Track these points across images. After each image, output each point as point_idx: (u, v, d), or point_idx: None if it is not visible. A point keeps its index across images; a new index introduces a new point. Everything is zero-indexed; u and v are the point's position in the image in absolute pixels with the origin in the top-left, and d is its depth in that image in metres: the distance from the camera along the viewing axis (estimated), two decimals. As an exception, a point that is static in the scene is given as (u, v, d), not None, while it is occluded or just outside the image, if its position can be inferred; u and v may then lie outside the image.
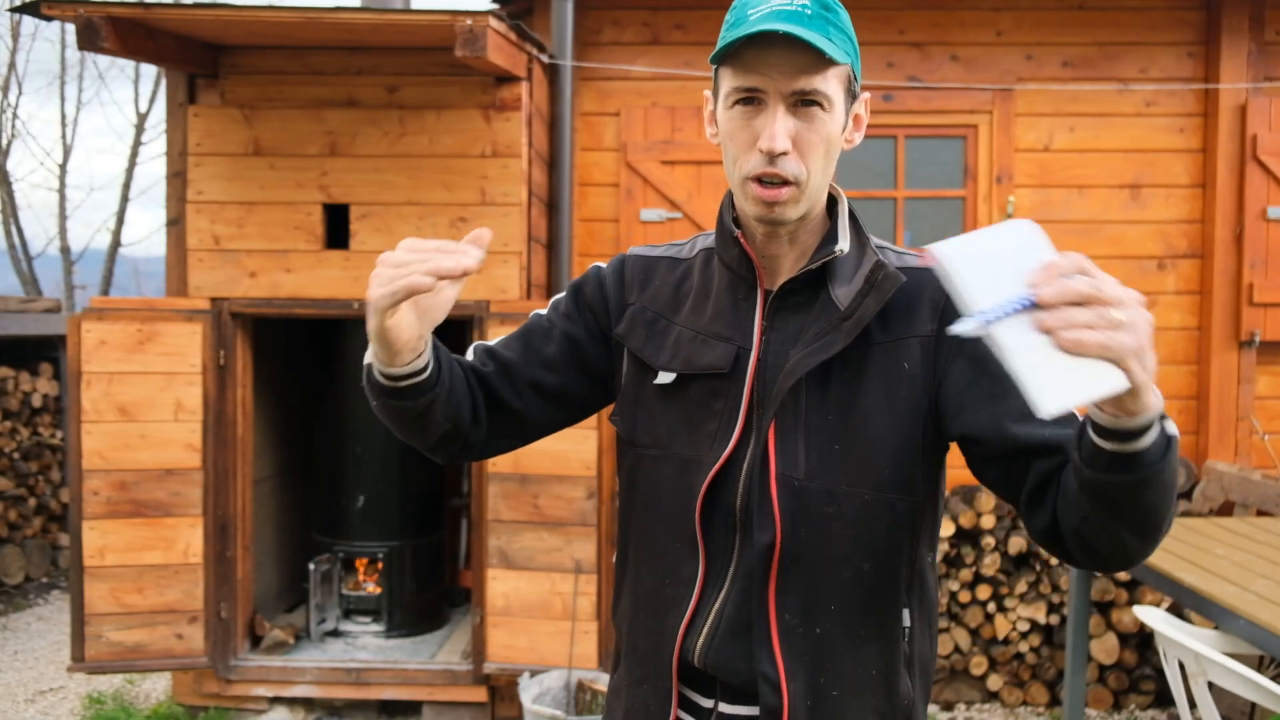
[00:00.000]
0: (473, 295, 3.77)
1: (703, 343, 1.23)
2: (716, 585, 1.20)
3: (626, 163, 4.41)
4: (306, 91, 3.84)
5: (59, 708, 4.23)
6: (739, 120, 1.14)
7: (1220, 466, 4.12)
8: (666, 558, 1.23)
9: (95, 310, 3.70)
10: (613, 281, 1.33)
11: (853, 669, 1.17)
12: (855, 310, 1.15)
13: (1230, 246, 4.33)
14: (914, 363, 1.16)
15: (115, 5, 3.25)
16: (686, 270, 1.31)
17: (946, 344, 1.15)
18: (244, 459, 3.95)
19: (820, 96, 1.11)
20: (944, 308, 1.16)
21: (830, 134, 1.14)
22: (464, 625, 4.51)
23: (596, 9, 4.44)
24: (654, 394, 1.25)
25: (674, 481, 1.22)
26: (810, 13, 1.09)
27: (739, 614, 1.17)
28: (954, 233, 4.28)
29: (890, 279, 1.15)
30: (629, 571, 1.30)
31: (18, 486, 6.02)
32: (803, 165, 1.13)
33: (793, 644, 1.16)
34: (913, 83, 4.41)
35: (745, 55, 1.10)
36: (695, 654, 1.20)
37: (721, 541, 1.19)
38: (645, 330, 1.28)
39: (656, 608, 1.24)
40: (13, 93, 12.25)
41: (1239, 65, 4.32)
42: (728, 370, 1.20)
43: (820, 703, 1.16)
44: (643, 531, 1.27)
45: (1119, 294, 0.85)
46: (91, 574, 3.66)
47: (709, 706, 1.22)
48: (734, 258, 1.23)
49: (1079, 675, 3.54)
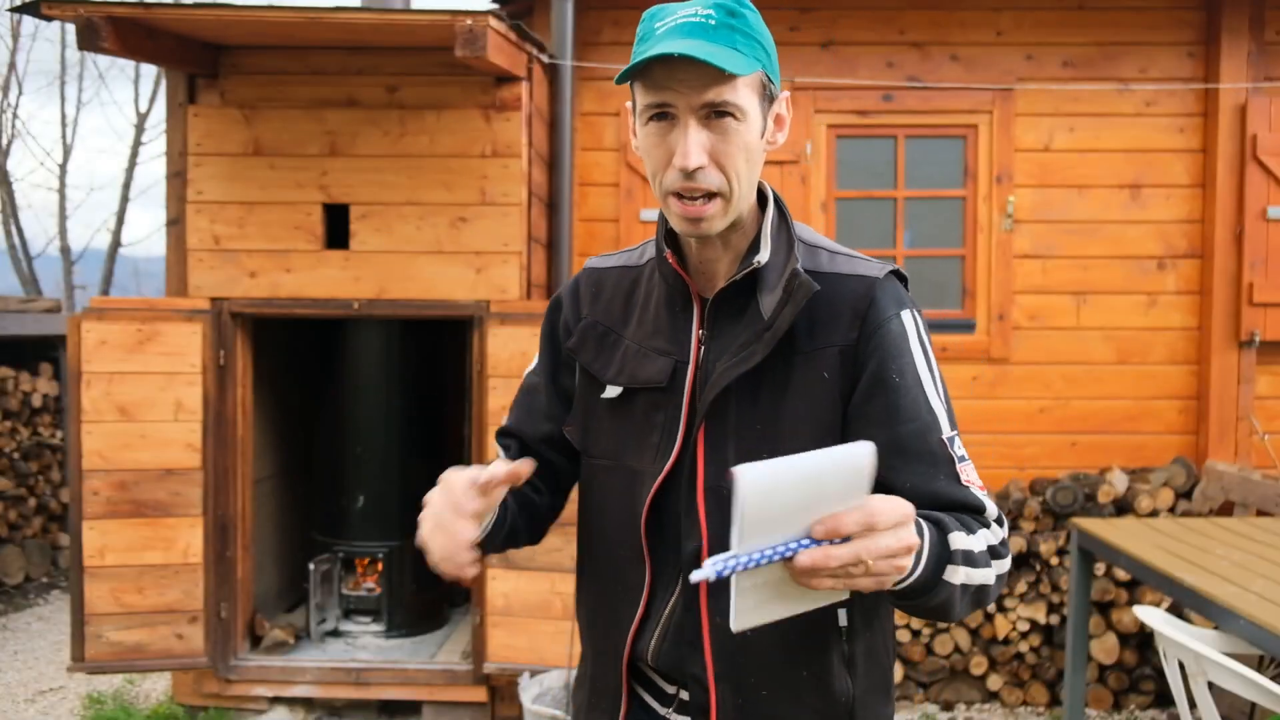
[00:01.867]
0: (473, 295, 3.77)
1: (644, 356, 1.25)
2: (666, 591, 1.24)
3: (626, 163, 4.41)
4: (306, 91, 3.84)
5: (59, 708, 4.23)
6: (654, 137, 1.14)
7: (1220, 466, 4.12)
8: (616, 565, 1.28)
9: (95, 310, 3.70)
10: (569, 303, 1.37)
11: (783, 670, 1.19)
12: (774, 320, 1.15)
13: (1230, 246, 4.33)
14: (833, 371, 1.16)
15: (115, 5, 3.24)
16: (636, 279, 1.33)
17: (861, 354, 1.16)
18: (244, 459, 3.95)
19: (731, 107, 1.11)
20: (865, 316, 1.16)
21: (747, 142, 1.13)
22: (464, 625, 4.51)
23: (596, 9, 4.44)
24: (603, 407, 1.29)
25: (622, 493, 1.26)
26: (715, 23, 1.09)
27: (684, 619, 1.22)
28: (954, 233, 4.26)
29: (804, 288, 1.15)
30: (586, 575, 1.36)
31: (18, 486, 6.02)
32: (722, 176, 1.13)
33: (723, 646, 1.18)
34: (913, 83, 4.41)
35: (653, 72, 1.10)
36: (649, 656, 1.25)
37: (668, 550, 1.23)
38: (595, 344, 1.30)
39: (609, 611, 1.29)
40: (13, 93, 12.26)
41: (1239, 65, 4.32)
42: (665, 384, 1.22)
43: (750, 702, 1.19)
44: (597, 539, 1.32)
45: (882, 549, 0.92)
46: (91, 574, 3.66)
47: (672, 693, 1.27)
48: (669, 272, 1.25)
49: (1079, 675, 3.55)
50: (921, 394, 1.15)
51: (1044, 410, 4.46)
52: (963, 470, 1.14)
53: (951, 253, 4.49)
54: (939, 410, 1.16)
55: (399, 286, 3.80)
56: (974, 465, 1.18)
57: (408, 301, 3.81)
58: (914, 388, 1.15)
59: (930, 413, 1.15)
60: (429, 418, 4.51)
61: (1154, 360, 4.46)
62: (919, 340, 1.18)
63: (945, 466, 1.13)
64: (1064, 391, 4.47)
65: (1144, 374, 4.46)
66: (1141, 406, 4.46)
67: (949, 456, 1.14)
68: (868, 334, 1.16)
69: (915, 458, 1.13)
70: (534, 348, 4.31)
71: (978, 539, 1.10)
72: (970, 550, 1.08)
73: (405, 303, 3.81)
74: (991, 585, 1.11)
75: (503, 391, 3.71)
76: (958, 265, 4.48)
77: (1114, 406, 4.45)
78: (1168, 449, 4.44)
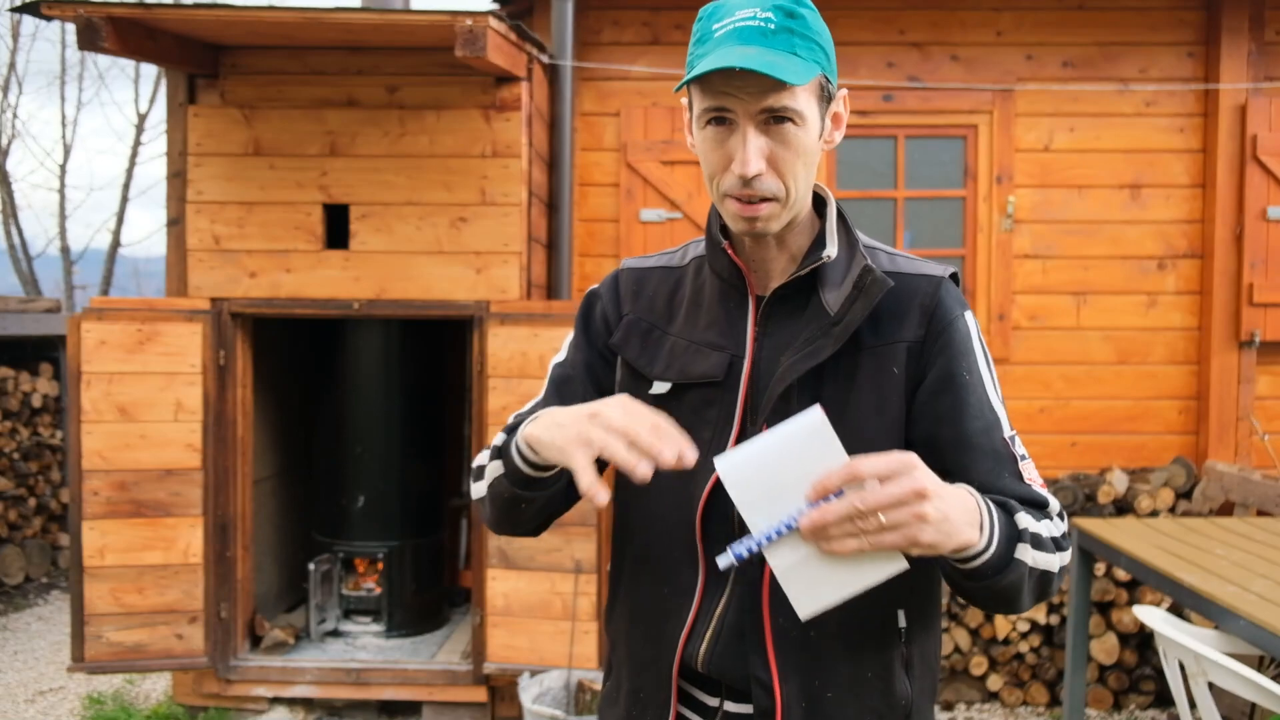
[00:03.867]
0: (473, 296, 3.77)
1: (696, 352, 1.24)
2: (717, 593, 1.21)
3: (626, 163, 4.41)
4: (306, 91, 3.84)
5: (59, 708, 4.23)
6: (711, 140, 1.14)
7: (1220, 466, 4.12)
8: (665, 567, 1.24)
9: (95, 310, 3.70)
10: (609, 298, 1.35)
11: (847, 671, 1.18)
12: (844, 315, 1.16)
13: (1230, 246, 4.33)
14: (901, 367, 1.17)
15: (115, 5, 3.25)
16: (679, 279, 1.32)
17: (928, 351, 1.17)
18: (244, 459, 3.95)
19: (790, 113, 1.10)
20: (933, 314, 1.18)
21: (806, 146, 1.13)
22: (464, 625, 4.51)
23: (596, 9, 4.44)
24: (649, 404, 1.25)
25: (672, 492, 1.22)
26: (774, 26, 1.08)
27: (740, 620, 1.19)
28: (954, 233, 4.26)
29: (878, 283, 1.16)
30: (625, 581, 1.31)
31: (18, 486, 6.02)
32: (779, 181, 1.13)
33: (786, 648, 1.17)
34: (913, 83, 4.41)
35: (711, 76, 1.09)
36: (699, 659, 1.21)
37: (721, 550, 1.20)
38: (640, 340, 1.29)
39: (655, 616, 1.25)
40: (13, 93, 12.26)
41: (1239, 65, 4.32)
42: (721, 379, 1.21)
43: (815, 704, 1.17)
44: (641, 541, 1.28)
45: (883, 499, 0.94)
46: (91, 574, 3.66)
47: (714, 705, 1.24)
48: (723, 266, 1.25)
49: (1079, 675, 3.54)
50: (984, 394, 1.17)
51: (1044, 410, 4.47)
52: (1024, 468, 1.16)
53: (952, 253, 4.49)
54: (999, 410, 1.18)
55: (399, 286, 3.80)
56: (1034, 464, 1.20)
57: (408, 302, 3.81)
58: (979, 387, 1.17)
59: (993, 411, 1.17)
60: (429, 418, 4.51)
61: (1154, 360, 4.46)
62: (979, 341, 1.21)
63: (1009, 464, 1.15)
64: (1064, 391, 4.47)
65: (1144, 374, 4.46)
66: (1141, 406, 4.46)
67: (1012, 455, 1.16)
68: (935, 332, 1.18)
69: (981, 454, 1.14)
70: (534, 348, 4.27)
71: (1043, 526, 1.11)
72: (1038, 534, 1.09)
73: (405, 303, 3.81)
74: (1055, 574, 1.12)
75: (503, 391, 3.71)
76: (958, 265, 4.48)
77: (1114, 407, 4.45)
78: (1168, 449, 4.44)
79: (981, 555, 1.03)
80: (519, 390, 3.67)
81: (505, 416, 3.70)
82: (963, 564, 1.04)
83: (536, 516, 1.26)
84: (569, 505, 1.32)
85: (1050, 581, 1.12)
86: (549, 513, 1.28)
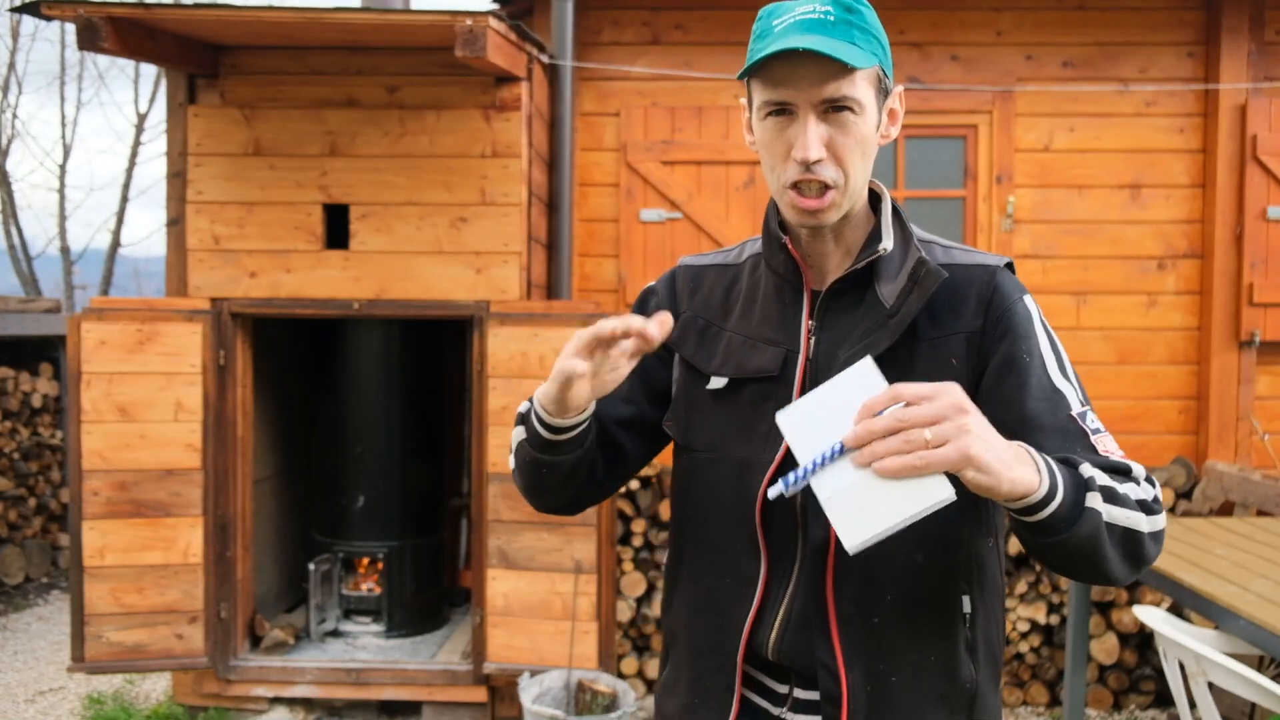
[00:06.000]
0: (473, 295, 3.77)
1: (752, 347, 1.27)
2: (782, 581, 1.23)
3: (626, 163, 4.41)
4: (306, 91, 3.84)
5: (59, 708, 4.23)
6: (772, 132, 1.17)
7: (1220, 466, 4.12)
8: (727, 557, 1.27)
9: (95, 310, 3.70)
10: (665, 295, 1.38)
11: (912, 656, 1.20)
12: (900, 308, 1.18)
13: (1230, 246, 4.33)
14: (960, 358, 1.19)
15: (115, 5, 3.25)
16: (735, 276, 1.35)
17: (988, 339, 1.19)
18: (244, 459, 3.95)
19: (850, 102, 1.14)
20: (990, 303, 1.20)
21: (864, 135, 1.16)
22: (464, 625, 4.51)
23: (596, 9, 4.44)
24: (707, 399, 1.29)
25: (731, 484, 1.25)
26: (834, 19, 1.12)
27: (805, 607, 1.21)
28: (955, 233, 4.28)
29: (932, 275, 1.18)
30: (685, 572, 1.33)
31: (18, 486, 6.02)
32: (839, 169, 1.16)
33: (851, 634, 1.19)
34: (913, 83, 4.41)
35: (773, 69, 1.13)
36: (768, 648, 1.23)
37: (783, 539, 1.23)
38: (697, 337, 1.32)
39: (717, 606, 1.27)
40: (13, 93, 12.25)
41: (1239, 65, 4.32)
42: (777, 373, 1.24)
43: (880, 689, 1.19)
44: (700, 533, 1.30)
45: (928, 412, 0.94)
46: (91, 574, 3.66)
47: (784, 692, 1.26)
48: (780, 262, 1.27)
49: (1079, 675, 3.54)
50: (1046, 373, 1.17)
51: (1044, 410, 4.46)
52: (1099, 441, 1.14)
53: (951, 253, 4.48)
54: (1064, 387, 1.17)
55: (399, 287, 3.80)
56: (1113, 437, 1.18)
57: (408, 302, 3.81)
58: (1040, 368, 1.17)
59: (1057, 391, 1.17)
60: (429, 418, 4.51)
61: (1154, 360, 4.46)
62: (1042, 322, 1.22)
63: (1080, 439, 1.13)
64: (1064, 391, 4.46)
65: (1144, 374, 4.46)
66: (1141, 406, 4.46)
67: (1081, 430, 1.14)
68: (994, 319, 1.19)
69: (1049, 434, 1.13)
70: (534, 348, 4.28)
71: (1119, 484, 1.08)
72: (1112, 487, 1.06)
73: (405, 303, 3.81)
74: (1144, 535, 1.08)
75: (503, 391, 3.71)
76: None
77: (1114, 406, 4.44)
78: (1168, 449, 4.44)
79: (1048, 504, 1.00)
80: (519, 390, 3.67)
81: (505, 416, 3.70)
82: (1029, 515, 1.01)
83: (562, 487, 1.29)
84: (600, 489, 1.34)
85: (1140, 543, 1.07)
86: (576, 486, 1.30)
